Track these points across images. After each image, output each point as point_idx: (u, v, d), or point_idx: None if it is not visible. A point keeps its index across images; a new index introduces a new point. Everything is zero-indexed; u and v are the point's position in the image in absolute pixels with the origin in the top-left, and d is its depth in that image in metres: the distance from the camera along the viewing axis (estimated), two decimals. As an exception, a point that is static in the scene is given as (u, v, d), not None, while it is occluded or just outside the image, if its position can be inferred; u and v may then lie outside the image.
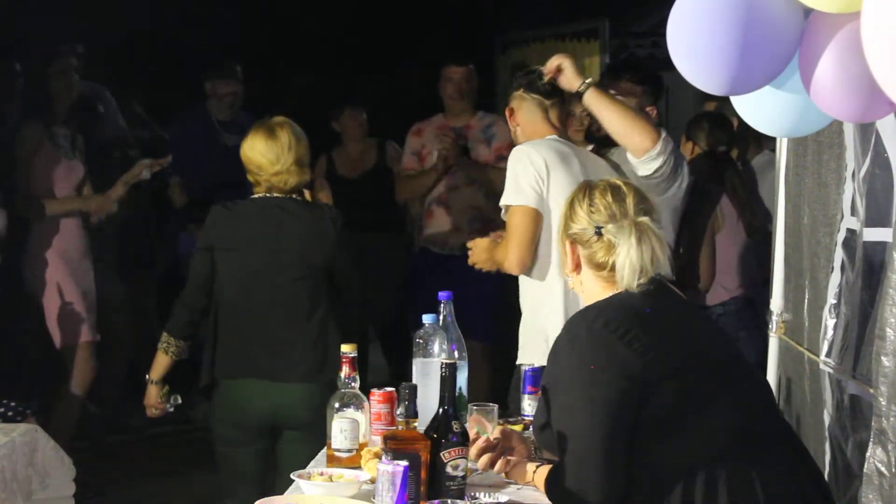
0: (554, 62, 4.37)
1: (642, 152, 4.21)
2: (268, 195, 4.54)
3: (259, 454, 4.56)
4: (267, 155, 4.49)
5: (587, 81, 4.29)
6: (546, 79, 4.40)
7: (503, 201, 4.32)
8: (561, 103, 4.47)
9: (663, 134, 4.26)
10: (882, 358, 2.92)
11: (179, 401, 4.69)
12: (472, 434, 3.19)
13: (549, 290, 4.25)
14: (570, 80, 4.32)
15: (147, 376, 4.65)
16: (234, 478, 4.58)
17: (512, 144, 6.67)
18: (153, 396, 4.65)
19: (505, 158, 6.63)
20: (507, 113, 4.55)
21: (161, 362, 4.61)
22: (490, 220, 6.73)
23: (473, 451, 3.16)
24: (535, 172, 4.22)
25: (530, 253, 4.24)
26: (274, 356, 4.46)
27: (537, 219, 4.23)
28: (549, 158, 4.23)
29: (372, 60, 8.33)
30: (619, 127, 4.23)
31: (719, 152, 5.66)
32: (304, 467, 3.38)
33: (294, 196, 4.55)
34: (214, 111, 7.22)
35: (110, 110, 7.24)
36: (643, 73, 4.60)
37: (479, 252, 4.49)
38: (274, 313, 4.48)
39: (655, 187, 4.15)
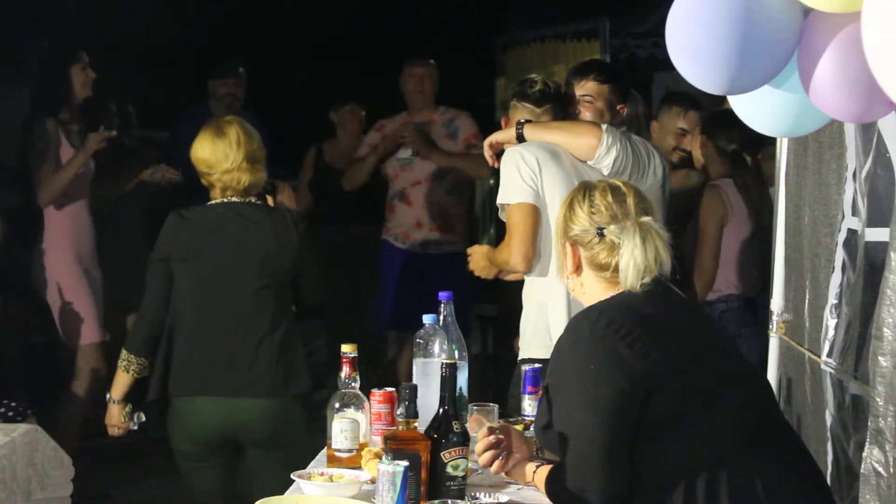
0: (488, 150, 4.55)
1: (593, 151, 4.32)
2: (225, 200, 4.35)
3: (222, 469, 4.41)
4: (215, 153, 4.32)
5: (519, 124, 4.44)
6: (490, 162, 4.56)
7: (500, 200, 4.36)
8: (554, 109, 4.54)
9: (604, 127, 4.35)
10: (879, 358, 2.92)
11: (143, 418, 4.51)
12: (479, 436, 3.19)
13: (553, 285, 4.27)
14: (506, 138, 4.49)
15: (108, 395, 4.49)
16: (200, 493, 4.44)
17: (479, 134, 6.89)
18: (115, 416, 4.47)
19: (475, 147, 6.85)
20: (502, 122, 4.61)
21: (121, 381, 4.42)
22: (452, 217, 6.83)
23: (481, 445, 3.16)
24: (528, 170, 4.29)
25: (534, 248, 4.28)
26: (233, 371, 4.28)
27: (536, 214, 4.28)
28: (540, 156, 4.31)
29: (372, 60, 8.33)
30: (565, 139, 4.37)
31: (732, 150, 5.65)
32: (274, 486, 3.33)
33: (253, 200, 4.37)
34: (214, 111, 7.22)
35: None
36: (607, 72, 4.61)
37: (478, 259, 4.51)
38: (235, 326, 4.30)
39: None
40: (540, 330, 4.31)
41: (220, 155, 4.33)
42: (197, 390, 4.31)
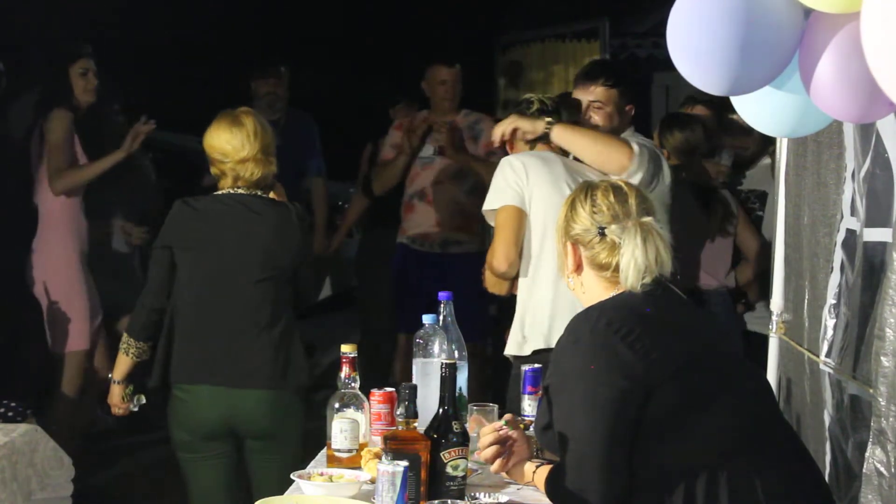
0: (498, 132, 4.48)
1: (622, 171, 4.31)
2: (232, 192, 4.37)
3: (221, 460, 4.39)
4: (232, 142, 4.34)
5: (548, 122, 4.38)
6: (496, 143, 4.53)
7: (484, 207, 4.40)
8: None
9: (636, 149, 4.33)
10: (881, 358, 2.92)
11: (143, 400, 4.56)
12: (483, 431, 3.20)
13: (530, 284, 4.30)
14: (531, 129, 4.42)
15: (110, 375, 4.55)
16: (198, 485, 4.42)
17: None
18: (116, 396, 4.52)
19: (494, 154, 6.82)
20: (507, 146, 4.60)
21: (122, 363, 4.47)
22: (472, 216, 6.80)
23: (486, 439, 3.16)
24: (514, 174, 4.34)
25: (516, 249, 4.32)
26: (233, 361, 4.30)
27: (520, 216, 4.32)
28: (527, 161, 4.35)
29: (371, 60, 8.36)
30: (593, 154, 4.33)
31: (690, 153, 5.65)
32: (273, 479, 3.34)
33: (259, 193, 4.39)
34: (258, 111, 7.17)
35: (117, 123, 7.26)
36: (616, 75, 4.61)
37: (489, 275, 4.53)
38: (235, 316, 4.32)
39: None
40: (515, 327, 4.39)
41: (236, 144, 4.35)
42: (197, 379, 4.33)
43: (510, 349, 4.38)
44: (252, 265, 4.33)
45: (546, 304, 4.27)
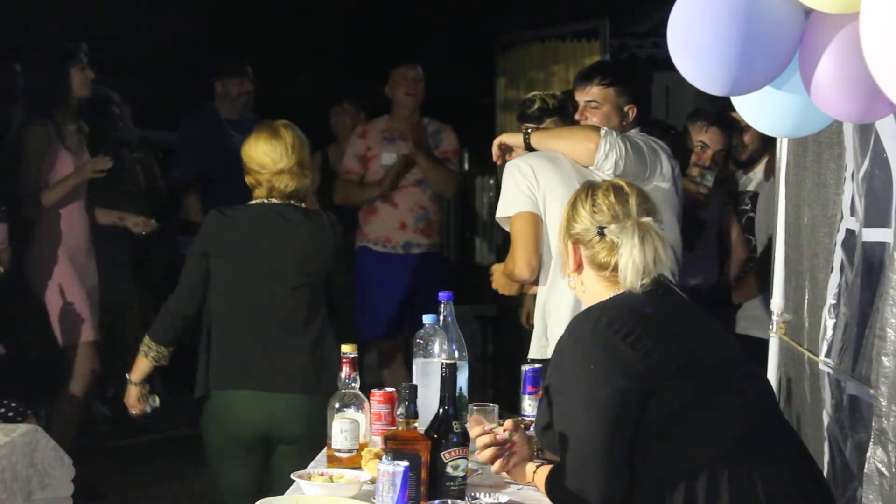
0: (495, 149, 4.56)
1: (592, 156, 4.30)
2: (266, 201, 4.45)
3: (253, 467, 4.47)
4: (270, 153, 4.41)
5: (526, 133, 4.45)
6: (495, 158, 4.57)
7: (498, 214, 4.39)
8: (557, 123, 4.54)
9: (603, 131, 4.32)
10: (882, 358, 2.92)
11: (157, 402, 4.63)
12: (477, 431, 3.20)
13: (552, 290, 4.29)
14: (514, 142, 4.50)
15: (127, 376, 4.59)
16: (231, 492, 4.49)
17: (457, 150, 6.98)
18: (133, 397, 4.59)
19: (451, 162, 6.93)
20: (507, 157, 4.63)
21: (140, 365, 4.53)
22: (433, 220, 6.84)
23: (483, 440, 3.16)
24: (524, 179, 4.31)
25: (537, 256, 4.29)
26: (270, 366, 4.37)
27: (537, 222, 4.29)
28: (534, 164, 4.33)
29: (371, 60, 8.35)
30: (566, 146, 4.36)
31: None
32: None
33: (293, 202, 4.46)
34: (223, 111, 7.19)
35: (122, 112, 7.25)
36: (612, 74, 4.60)
37: (498, 277, 4.54)
38: (271, 322, 4.39)
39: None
40: (539, 331, 4.34)
41: (275, 156, 4.42)
42: (235, 384, 4.39)
43: (534, 353, 4.35)
44: (287, 272, 4.41)
45: (567, 307, 4.23)
